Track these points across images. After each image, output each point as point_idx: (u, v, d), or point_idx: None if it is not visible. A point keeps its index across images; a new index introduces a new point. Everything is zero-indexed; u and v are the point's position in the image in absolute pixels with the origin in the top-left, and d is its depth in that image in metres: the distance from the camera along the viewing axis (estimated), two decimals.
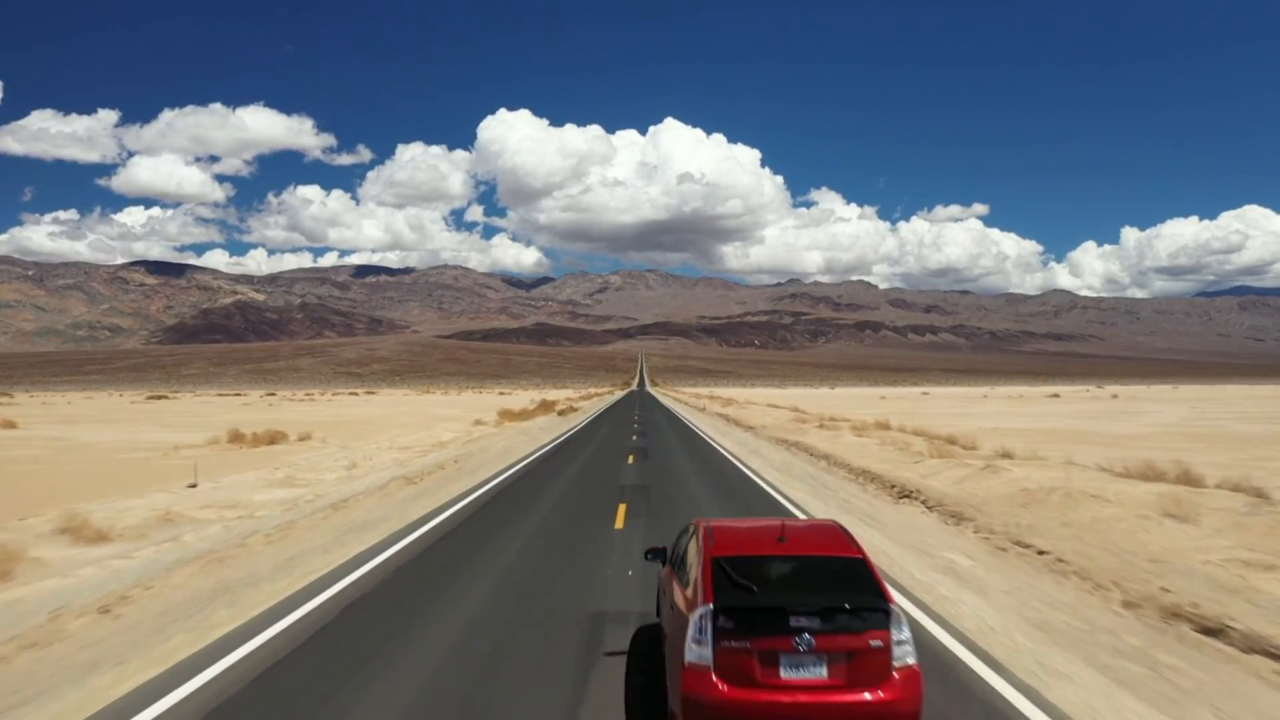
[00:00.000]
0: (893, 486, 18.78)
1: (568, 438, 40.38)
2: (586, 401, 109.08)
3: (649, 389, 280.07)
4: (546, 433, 43.92)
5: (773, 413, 59.58)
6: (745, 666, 5.41)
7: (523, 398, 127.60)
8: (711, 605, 5.58)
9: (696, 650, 5.54)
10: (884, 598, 5.63)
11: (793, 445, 32.10)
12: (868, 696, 5.36)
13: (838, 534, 6.46)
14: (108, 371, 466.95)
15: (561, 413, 63.00)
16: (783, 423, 46.87)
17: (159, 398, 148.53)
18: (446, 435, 41.25)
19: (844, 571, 5.87)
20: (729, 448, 32.60)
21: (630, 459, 27.60)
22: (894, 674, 5.44)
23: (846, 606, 5.52)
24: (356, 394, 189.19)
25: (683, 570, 6.59)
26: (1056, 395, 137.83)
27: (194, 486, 20.70)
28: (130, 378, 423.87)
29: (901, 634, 5.57)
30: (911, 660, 5.55)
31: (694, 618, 5.64)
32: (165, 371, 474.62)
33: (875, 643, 5.44)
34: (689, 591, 6.03)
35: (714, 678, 5.43)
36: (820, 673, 5.39)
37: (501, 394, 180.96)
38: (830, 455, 26.56)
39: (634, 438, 39.08)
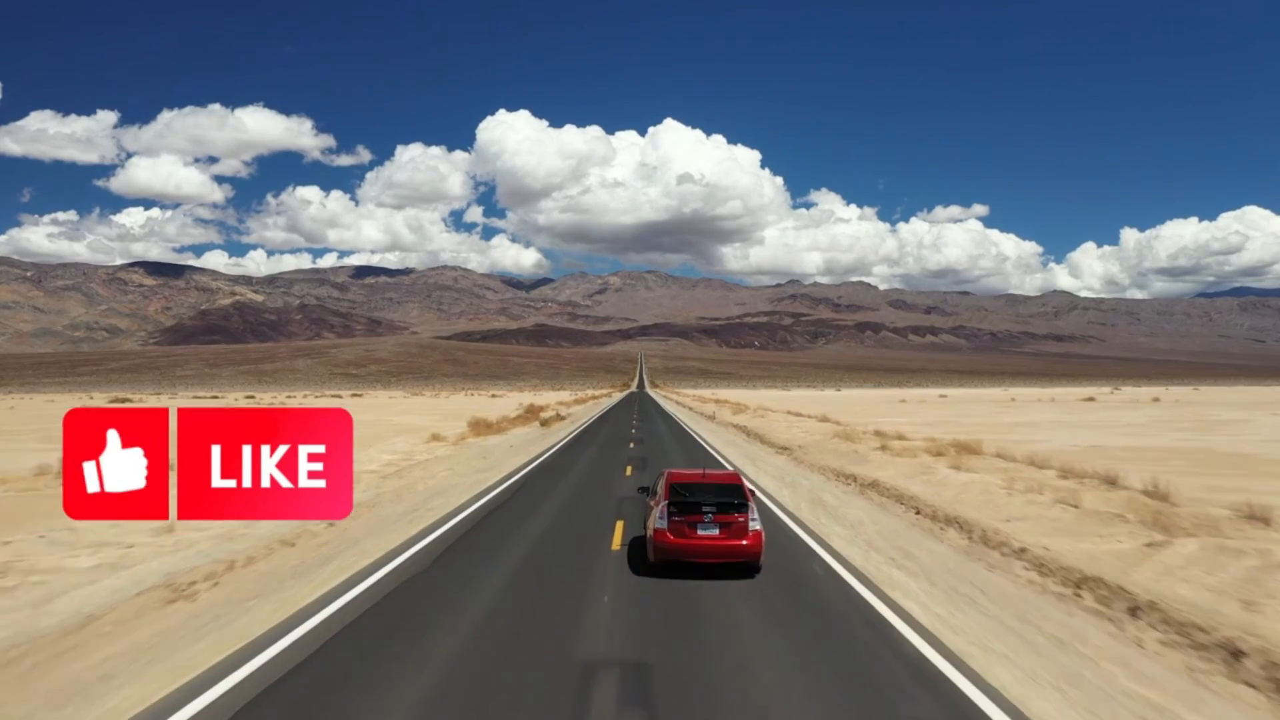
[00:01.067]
0: (1235, 653, 7.93)
1: (538, 466, 29.63)
2: (580, 406, 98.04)
3: (649, 390, 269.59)
4: (514, 456, 33.07)
5: (800, 423, 48.44)
6: (681, 529, 11.28)
7: (512, 401, 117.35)
8: (667, 500, 11.67)
9: (660, 521, 11.52)
10: (746, 498, 11.70)
11: (867, 487, 21.31)
12: (734, 542, 11.20)
13: (734, 474, 14.02)
14: (101, 373, 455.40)
15: (545, 423, 52.01)
16: (822, 440, 35.81)
17: (122, 400, 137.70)
18: (380, 459, 30.55)
19: (731, 487, 12.03)
20: (771, 490, 21.76)
21: (618, 530, 15.05)
22: (749, 532, 11.29)
23: (730, 501, 11.48)
24: (340, 396, 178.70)
25: (656, 492, 12.77)
26: (1091, 399, 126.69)
27: None
28: (122, 379, 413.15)
29: (754, 514, 11.55)
30: (758, 526, 11.48)
31: (658, 508, 11.74)
32: (159, 373, 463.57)
33: (740, 518, 11.30)
34: (658, 498, 12.14)
35: (668, 533, 11.33)
36: (714, 531, 11.23)
37: (494, 396, 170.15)
38: (958, 518, 15.72)
39: (628, 470, 26.89)
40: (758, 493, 20.34)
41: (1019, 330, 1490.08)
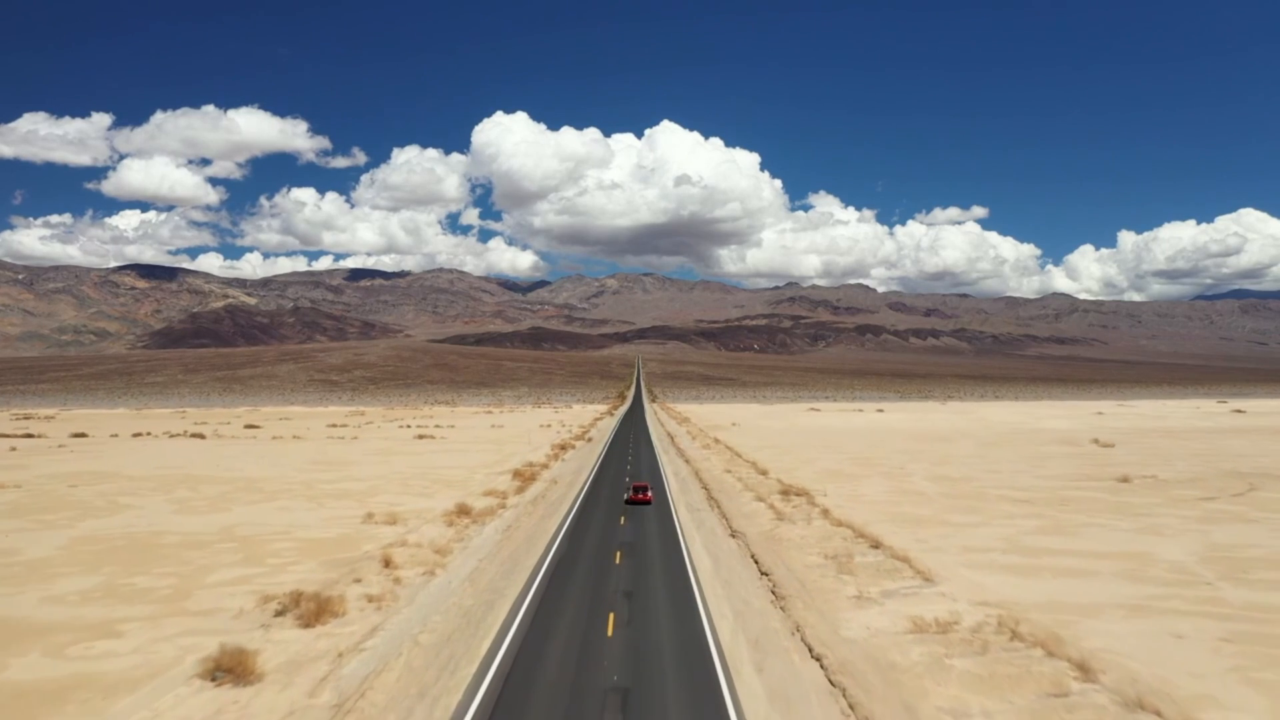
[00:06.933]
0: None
1: None
2: (532, 490, 55.04)
3: (648, 407, 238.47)
4: None
5: None
6: (635, 494, 51.66)
7: (435, 457, 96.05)
8: (632, 487, 54.49)
9: (629, 494, 52.85)
10: (648, 487, 53.95)
11: None
12: (646, 498, 51.38)
13: (645, 482, 57.50)
14: (65, 380, 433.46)
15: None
16: None
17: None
18: None
19: (646, 487, 53.93)
20: None
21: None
22: (649, 494, 51.98)
23: (647, 488, 53.35)
24: (223, 423, 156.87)
25: (629, 485, 56.82)
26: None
27: None
28: (85, 386, 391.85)
29: (650, 491, 52.70)
30: (651, 494, 52.36)
31: (629, 490, 54.49)
32: (128, 379, 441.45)
33: (649, 492, 52.40)
34: (630, 487, 55.11)
35: (633, 494, 51.84)
36: (641, 495, 51.16)
37: (420, 437, 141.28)
38: None
39: None
40: None
41: (1020, 333, 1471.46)
